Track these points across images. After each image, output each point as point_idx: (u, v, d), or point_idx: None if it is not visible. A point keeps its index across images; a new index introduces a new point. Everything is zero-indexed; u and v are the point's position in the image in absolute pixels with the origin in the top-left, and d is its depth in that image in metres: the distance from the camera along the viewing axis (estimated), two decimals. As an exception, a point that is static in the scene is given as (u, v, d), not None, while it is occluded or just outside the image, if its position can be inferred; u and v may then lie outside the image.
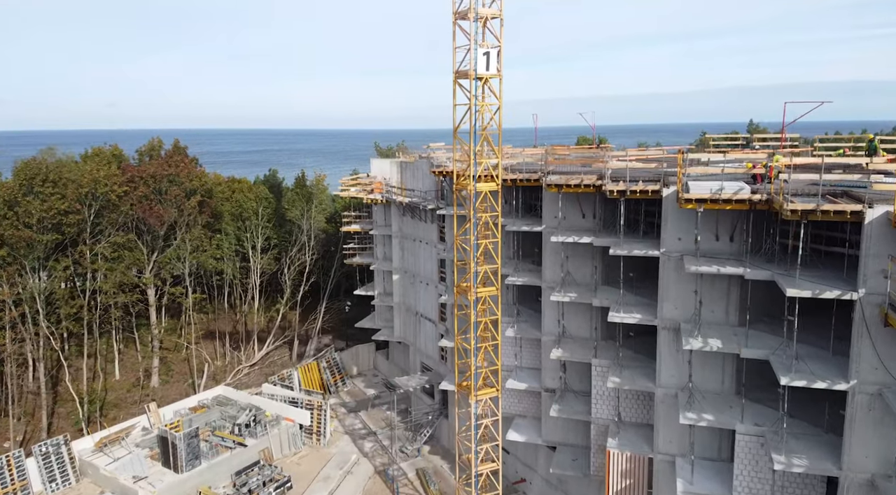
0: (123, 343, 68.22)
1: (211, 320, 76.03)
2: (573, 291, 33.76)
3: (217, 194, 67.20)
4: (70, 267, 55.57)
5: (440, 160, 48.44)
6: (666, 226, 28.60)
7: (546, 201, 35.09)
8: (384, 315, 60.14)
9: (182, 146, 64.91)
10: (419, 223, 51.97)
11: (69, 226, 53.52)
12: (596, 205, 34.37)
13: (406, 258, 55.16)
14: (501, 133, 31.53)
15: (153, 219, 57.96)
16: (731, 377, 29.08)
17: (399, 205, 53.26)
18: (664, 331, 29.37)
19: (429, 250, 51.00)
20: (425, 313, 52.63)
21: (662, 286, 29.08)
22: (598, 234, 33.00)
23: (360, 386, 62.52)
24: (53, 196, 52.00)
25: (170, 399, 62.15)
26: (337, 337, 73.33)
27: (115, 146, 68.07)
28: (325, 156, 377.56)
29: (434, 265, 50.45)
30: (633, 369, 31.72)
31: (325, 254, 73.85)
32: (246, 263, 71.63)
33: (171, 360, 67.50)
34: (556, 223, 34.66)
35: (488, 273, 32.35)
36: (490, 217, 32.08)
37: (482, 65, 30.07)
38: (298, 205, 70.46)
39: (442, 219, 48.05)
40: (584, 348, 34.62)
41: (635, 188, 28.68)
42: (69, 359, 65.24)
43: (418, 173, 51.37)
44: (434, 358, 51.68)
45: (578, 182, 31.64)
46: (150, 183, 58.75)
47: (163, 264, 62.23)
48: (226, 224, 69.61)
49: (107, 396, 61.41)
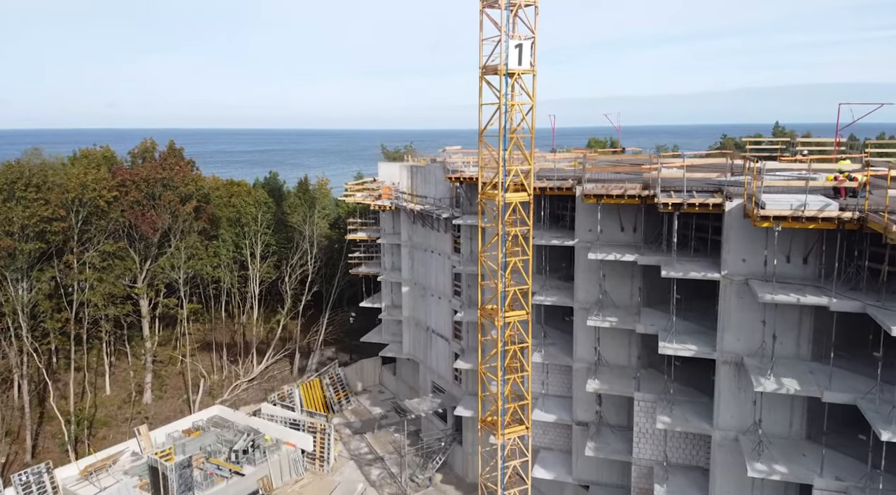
0: (115, 355, 64.41)
1: (207, 330, 72.19)
2: (612, 315, 29.93)
3: (215, 199, 63.33)
4: (56, 277, 51.75)
5: (456, 165, 44.62)
6: (728, 246, 24.78)
7: (580, 212, 31.28)
8: (392, 329, 56.29)
9: (177, 148, 61.05)
10: (431, 232, 48.14)
11: (54, 235, 49.67)
12: (637, 218, 30.54)
13: (416, 269, 51.33)
14: (534, 136, 27.69)
15: (146, 225, 54.12)
16: (801, 418, 25.27)
17: (410, 212, 49.44)
18: (724, 366, 25.55)
19: (442, 261, 47.17)
20: (437, 329, 48.79)
21: (723, 314, 25.25)
22: (641, 251, 29.17)
23: (365, 405, 58.67)
24: (36, 202, 48.14)
25: (163, 416, 58.41)
26: (340, 349, 69.49)
27: (107, 147, 64.19)
28: (326, 156, 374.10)
29: (448, 278, 46.62)
30: (684, 406, 27.87)
31: (328, 261, 69.98)
32: (244, 271, 67.82)
33: (165, 374, 63.68)
34: (592, 237, 30.83)
35: (517, 294, 28.51)
36: (520, 231, 28.22)
37: (514, 59, 26.25)
38: (300, 211, 66.64)
39: (457, 229, 44.23)
40: (624, 378, 30.79)
41: (693, 201, 24.83)
42: (57, 373, 61.52)
43: (431, 178, 47.55)
44: (447, 378, 47.84)
45: (621, 192, 27.82)
46: (143, 187, 54.90)
47: (156, 273, 58.41)
48: (223, 230, 65.78)
49: (96, 413, 57.61)
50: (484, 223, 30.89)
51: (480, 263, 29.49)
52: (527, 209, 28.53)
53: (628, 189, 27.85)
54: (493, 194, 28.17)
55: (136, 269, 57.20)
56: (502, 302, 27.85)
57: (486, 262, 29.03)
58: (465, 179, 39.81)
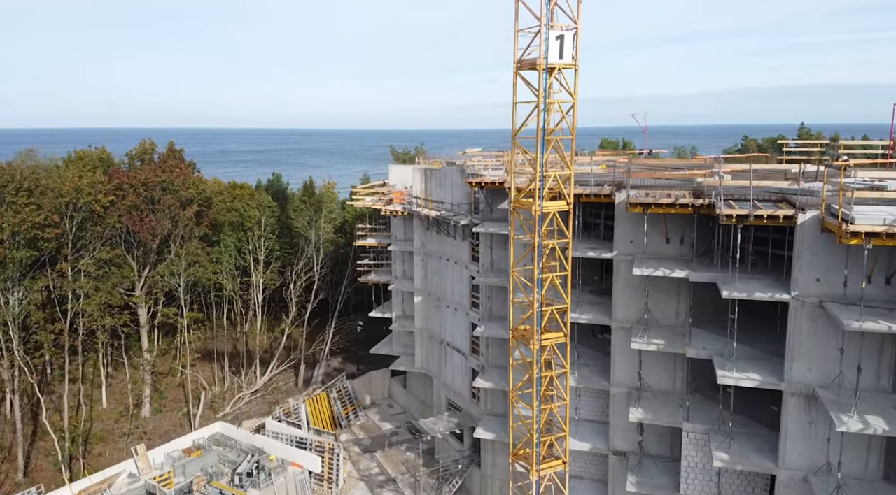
0: (112, 366, 61.62)
1: (208, 339, 69.36)
2: (657, 335, 27.06)
3: (217, 203, 60.42)
4: (49, 286, 48.90)
5: (474, 168, 41.79)
6: (800, 264, 21.92)
7: (620, 222, 28.41)
8: (403, 340, 53.42)
9: (177, 149, 58.20)
10: (446, 239, 45.28)
11: (46, 242, 46.82)
12: (686, 229, 27.66)
13: (430, 278, 48.45)
14: (575, 138, 24.83)
15: (144, 231, 51.27)
16: (879, 457, 22.43)
17: (423, 218, 46.56)
18: (793, 398, 22.70)
19: (458, 271, 44.30)
20: (453, 342, 45.91)
21: (792, 340, 22.39)
22: (691, 266, 26.29)
23: (374, 420, 55.78)
24: (28, 207, 45.28)
25: (162, 431, 55.61)
26: (347, 359, 66.63)
27: (103, 148, 61.33)
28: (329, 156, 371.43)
29: (465, 288, 43.75)
30: (742, 440, 25.00)
31: (334, 267, 67.15)
32: (247, 278, 65.01)
33: (165, 385, 60.83)
34: (634, 250, 27.99)
35: (555, 314, 25.63)
36: (557, 244, 25.34)
37: (554, 51, 23.38)
38: (305, 215, 63.82)
39: (475, 237, 41.38)
40: (669, 406, 27.93)
41: (760, 213, 21.94)
42: (51, 384, 58.75)
43: (446, 182, 44.66)
44: (463, 395, 44.95)
45: (672, 201, 24.93)
46: (141, 191, 52.04)
47: (155, 281, 55.58)
48: (225, 235, 62.95)
49: (92, 427, 54.76)
50: (516, 235, 28.02)
51: (512, 279, 26.60)
52: (565, 219, 25.66)
53: (679, 197, 24.96)
54: (527, 203, 25.32)
55: (133, 277, 54.40)
56: (538, 323, 24.97)
57: (519, 278, 26.16)
58: (486, 184, 36.98)
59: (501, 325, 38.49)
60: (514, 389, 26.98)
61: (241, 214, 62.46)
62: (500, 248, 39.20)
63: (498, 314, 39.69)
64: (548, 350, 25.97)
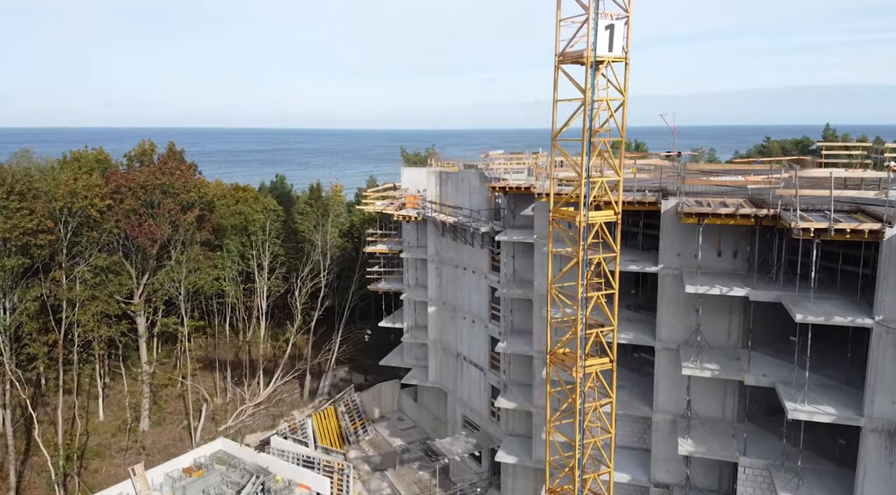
0: (109, 375, 59.00)
1: (209, 346, 66.77)
2: (710, 360, 24.42)
3: (219, 207, 57.74)
4: (42, 295, 46.21)
5: (495, 171, 39.24)
6: (885, 285, 19.32)
7: (667, 233, 25.80)
8: (415, 352, 50.78)
9: (178, 150, 55.56)
10: (463, 247, 42.67)
11: (39, 248, 44.16)
12: (741, 242, 25.03)
13: (445, 287, 45.84)
14: (624, 140, 22.20)
15: (143, 237, 48.61)
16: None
17: (439, 224, 43.94)
18: (874, 435, 20.10)
19: (476, 280, 41.71)
20: (470, 357, 43.30)
21: (875, 370, 19.81)
22: (750, 284, 23.66)
23: (383, 435, 53.10)
24: (19, 212, 42.63)
25: (161, 445, 52.98)
26: (354, 369, 63.98)
27: (100, 149, 58.59)
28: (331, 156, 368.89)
29: (483, 299, 41.14)
30: (810, 478, 22.37)
31: (341, 273, 64.48)
32: (251, 284, 62.40)
33: (164, 397, 58.20)
34: (682, 263, 25.38)
35: (600, 337, 23.00)
36: (603, 258, 22.70)
37: (603, 43, 20.76)
38: (312, 218, 61.19)
39: (496, 245, 38.80)
40: (720, 436, 25.30)
41: (842, 226, 19.30)
42: (45, 395, 56.13)
43: (463, 186, 42.07)
44: (481, 413, 42.32)
45: (731, 211, 22.30)
46: (140, 194, 49.37)
47: (155, 289, 52.94)
48: (228, 239, 60.32)
49: (88, 441, 52.17)
50: (556, 249, 25.38)
51: (550, 296, 23.94)
52: (611, 230, 23.02)
53: (739, 207, 22.32)
54: (568, 212, 22.67)
55: (131, 285, 51.76)
56: (583, 347, 22.32)
57: (557, 295, 23.50)
58: (511, 189, 34.39)
59: (525, 341, 35.91)
60: (552, 420, 24.31)
61: (246, 218, 59.83)
62: (524, 258, 36.62)
63: (521, 328, 37.10)
64: (591, 376, 23.33)
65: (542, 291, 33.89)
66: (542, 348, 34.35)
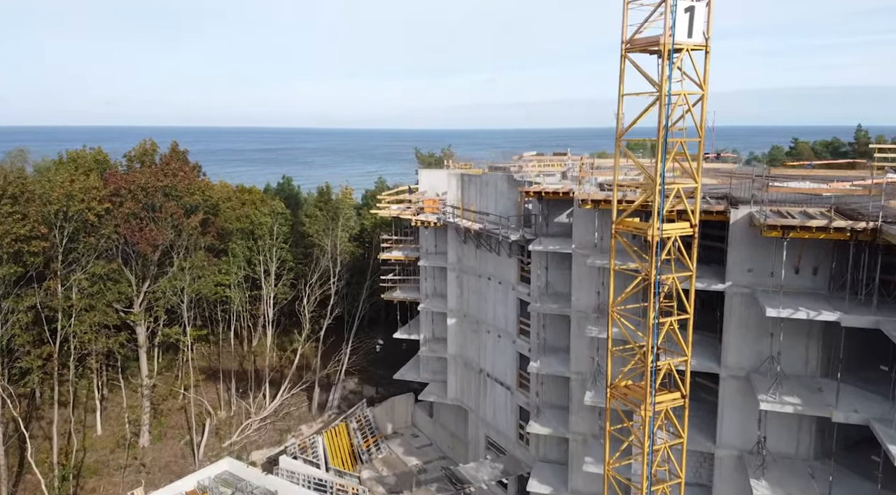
0: (107, 387, 56.00)
1: (212, 354, 63.78)
2: (789, 393, 21.44)
3: (224, 210, 54.69)
4: (36, 305, 43.21)
5: (526, 175, 36.27)
6: None
7: (735, 247, 22.85)
8: (432, 366, 47.77)
9: (181, 150, 52.56)
10: (488, 255, 39.69)
11: (33, 256, 41.18)
12: (823, 257, 22.05)
13: (466, 298, 42.85)
14: (703, 141, 19.24)
15: (143, 242, 45.61)
16: None
17: (460, 230, 40.95)
18: None
19: (503, 292, 38.73)
20: (495, 374, 40.30)
21: None
22: (839, 306, 20.68)
23: (397, 453, 50.12)
24: (12, 217, 39.65)
25: (162, 462, 50.03)
26: (364, 380, 60.99)
27: (99, 149, 55.52)
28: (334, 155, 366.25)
29: (511, 312, 38.16)
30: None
31: (351, 280, 61.49)
32: (257, 291, 59.46)
33: (165, 410, 55.19)
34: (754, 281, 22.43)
35: (671, 369, 20.01)
36: (677, 279, 19.71)
37: (682, 28, 17.79)
38: (320, 222, 58.23)
39: (526, 254, 35.85)
40: (798, 476, 22.35)
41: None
42: (40, 408, 53.17)
43: (489, 190, 39.10)
44: (508, 435, 39.31)
45: (824, 223, 19.32)
46: (141, 197, 46.38)
47: (156, 298, 49.98)
48: (234, 244, 57.34)
49: (85, 458, 49.23)
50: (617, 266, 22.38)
51: (611, 321, 20.94)
52: (690, 248, 19.98)
53: (832, 219, 19.34)
54: (632, 223, 19.68)
55: (131, 293, 48.77)
56: (653, 381, 19.32)
57: (620, 321, 20.49)
58: (547, 194, 31.42)
59: (560, 360, 32.94)
60: (610, 462, 21.31)
61: (252, 222, 56.87)
62: (559, 269, 33.67)
63: (554, 345, 34.12)
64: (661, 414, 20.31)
65: (581, 307, 30.98)
66: (580, 369, 31.44)
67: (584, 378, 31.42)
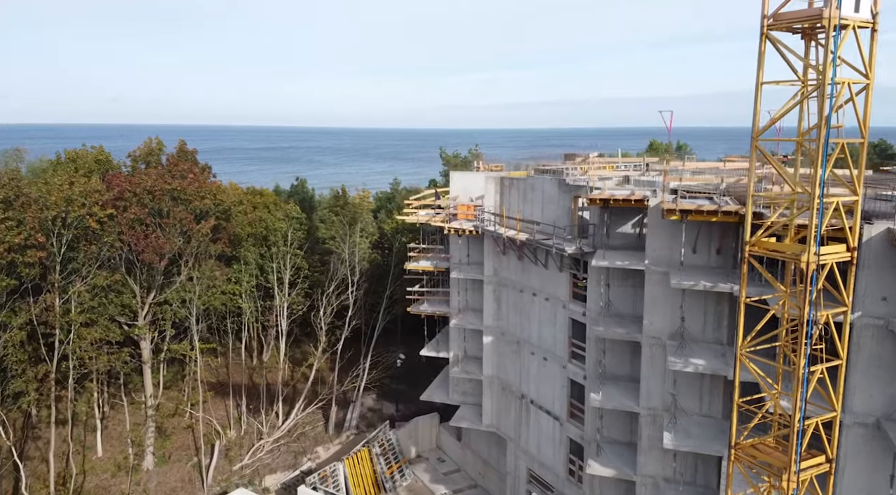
0: (108, 404, 52.11)
1: (220, 366, 59.82)
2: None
3: (237, 215, 50.67)
4: (32, 321, 39.26)
5: (579, 178, 32.32)
6: None
7: (871, 270, 18.85)
8: (463, 387, 43.76)
9: (190, 149, 48.59)
10: (532, 267, 35.75)
11: (28, 267, 37.23)
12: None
13: (505, 315, 38.91)
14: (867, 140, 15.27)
15: (149, 251, 41.66)
16: None
17: (501, 240, 36.99)
18: None
19: (551, 309, 34.77)
20: (540, 401, 36.33)
21: None
22: None
23: (423, 480, 46.13)
24: (4, 224, 35.71)
25: (168, 488, 46.30)
26: (382, 396, 57.06)
27: (100, 148, 51.45)
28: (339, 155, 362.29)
29: (560, 333, 34.21)
30: None
31: (369, 289, 57.52)
32: (269, 301, 55.53)
33: (171, 428, 51.27)
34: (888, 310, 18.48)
35: (819, 428, 16.05)
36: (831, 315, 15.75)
37: (849, 2, 13.84)
38: (338, 227, 54.29)
39: (581, 268, 31.89)
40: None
41: None
42: (37, 428, 49.29)
43: (534, 196, 35.18)
44: (555, 471, 35.31)
45: None
46: (147, 201, 42.45)
47: (164, 311, 46.07)
48: (245, 251, 53.37)
49: (84, 482, 45.44)
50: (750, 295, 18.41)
51: (738, 365, 16.96)
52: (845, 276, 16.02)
53: None
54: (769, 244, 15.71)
55: (135, 305, 44.82)
56: (799, 446, 15.36)
57: (750, 366, 16.52)
58: (616, 202, 27.48)
59: (626, 392, 29.00)
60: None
61: (266, 227, 52.90)
62: (622, 287, 29.76)
63: (616, 373, 30.21)
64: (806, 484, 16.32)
65: (655, 333, 27.06)
66: (652, 404, 27.53)
67: (657, 414, 27.54)
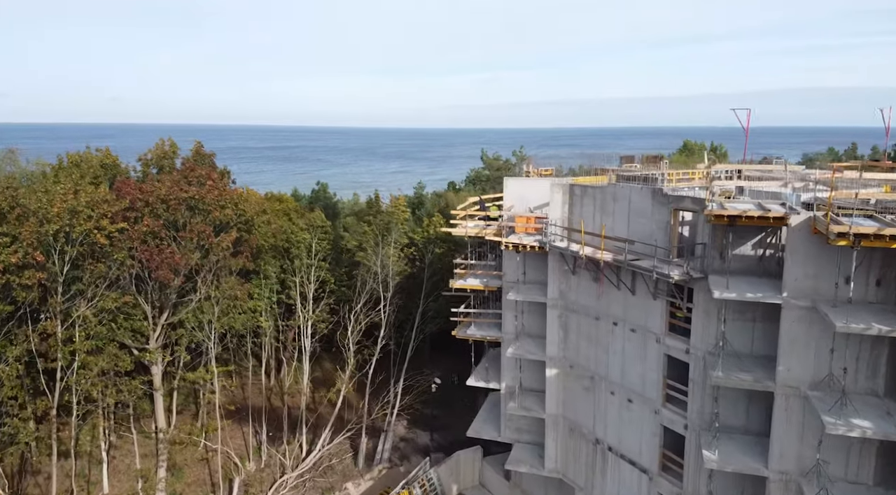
0: (116, 434, 47.01)
1: (235, 387, 54.61)
2: None
3: (259, 225, 45.46)
4: (31, 350, 34.12)
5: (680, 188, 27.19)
6: None
7: None
8: (517, 423, 38.56)
9: (207, 152, 43.38)
10: (613, 292, 30.61)
11: (26, 290, 32.07)
12: None
13: (575, 345, 33.74)
14: None
15: (164, 268, 36.51)
16: None
17: (570, 258, 31.82)
18: None
19: (638, 342, 29.61)
20: (621, 449, 31.17)
21: None
22: None
23: (470, 523, 41.10)
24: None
25: (182, 531, 41.27)
26: (413, 423, 51.96)
27: (107, 151, 46.09)
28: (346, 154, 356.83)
29: (653, 371, 29.04)
30: None
31: (402, 306, 52.32)
32: (291, 319, 50.44)
33: (184, 460, 46.20)
34: None
35: None
36: None
37: None
38: (369, 239, 49.17)
39: (684, 296, 26.75)
40: None
41: None
42: (38, 461, 44.27)
43: (619, 207, 30.02)
44: (642, 529, 30.23)
45: None
46: (161, 211, 37.30)
47: (179, 334, 40.98)
48: (266, 264, 48.23)
49: (89, 522, 40.39)
50: None
51: None
52: None
53: None
54: None
55: (146, 328, 39.69)
56: None
57: None
58: (746, 219, 22.31)
59: (744, 448, 23.90)
60: None
61: (288, 238, 47.77)
62: (739, 321, 24.67)
63: (729, 424, 25.08)
64: None
65: (793, 381, 21.97)
66: (786, 468, 22.46)
67: (789, 480, 22.45)
